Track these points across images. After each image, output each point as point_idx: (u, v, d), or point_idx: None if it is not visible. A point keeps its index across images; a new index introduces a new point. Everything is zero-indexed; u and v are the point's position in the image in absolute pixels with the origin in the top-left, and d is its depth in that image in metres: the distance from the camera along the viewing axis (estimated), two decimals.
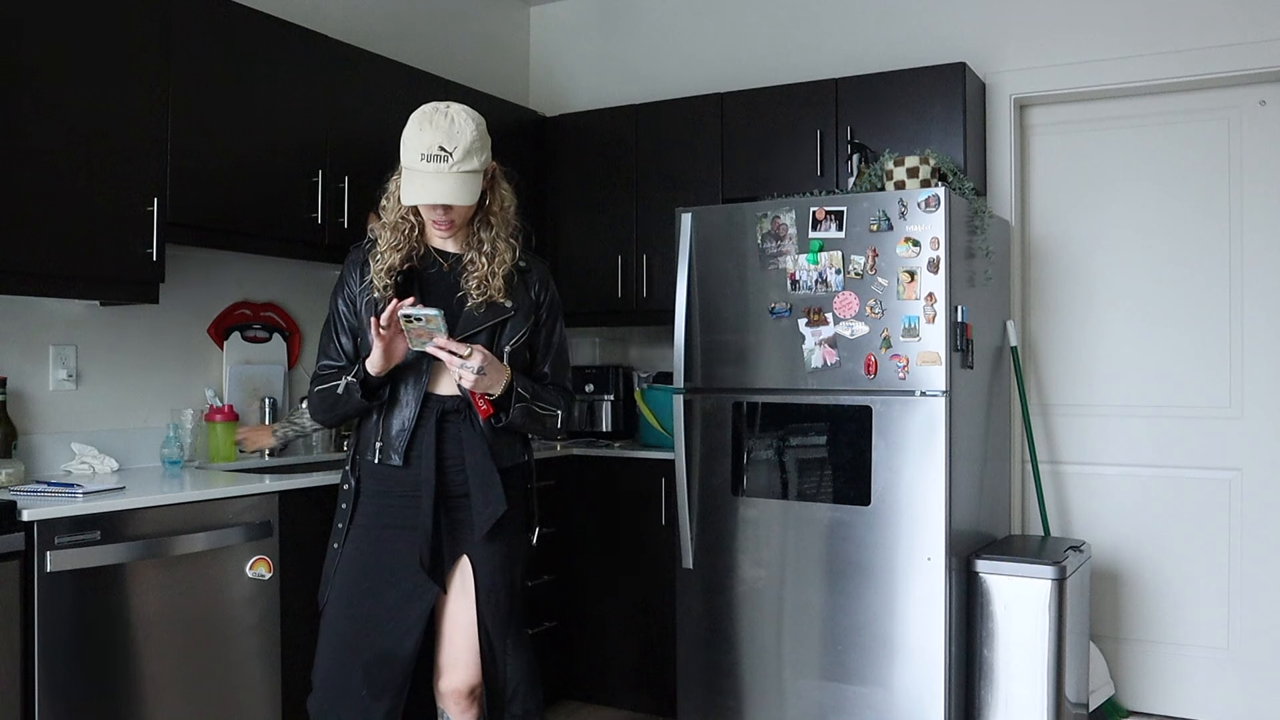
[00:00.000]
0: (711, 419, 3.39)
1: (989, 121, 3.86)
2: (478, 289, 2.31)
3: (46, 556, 2.27)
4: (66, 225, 2.63)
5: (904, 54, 3.92)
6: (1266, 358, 3.59)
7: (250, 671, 2.72)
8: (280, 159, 3.19)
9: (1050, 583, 3.07)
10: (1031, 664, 3.09)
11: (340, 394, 2.30)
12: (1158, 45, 3.63)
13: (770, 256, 3.27)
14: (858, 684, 3.12)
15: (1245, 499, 3.62)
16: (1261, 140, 3.60)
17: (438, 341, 2.18)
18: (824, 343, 3.19)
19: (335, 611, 2.33)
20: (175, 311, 3.23)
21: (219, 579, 2.64)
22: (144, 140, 2.80)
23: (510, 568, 2.40)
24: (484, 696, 2.37)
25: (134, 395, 3.16)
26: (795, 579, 3.23)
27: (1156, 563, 3.73)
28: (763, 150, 3.89)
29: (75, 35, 2.65)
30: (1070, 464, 3.86)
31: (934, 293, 3.03)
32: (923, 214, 3.05)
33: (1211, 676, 3.66)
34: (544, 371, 2.45)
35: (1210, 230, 3.67)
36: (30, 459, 2.83)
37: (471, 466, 2.31)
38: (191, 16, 2.93)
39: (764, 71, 4.21)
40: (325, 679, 2.32)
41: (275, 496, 2.77)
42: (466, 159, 2.20)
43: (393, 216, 2.33)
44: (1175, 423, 3.72)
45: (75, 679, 2.34)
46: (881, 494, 3.09)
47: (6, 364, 2.84)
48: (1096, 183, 3.84)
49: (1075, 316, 3.86)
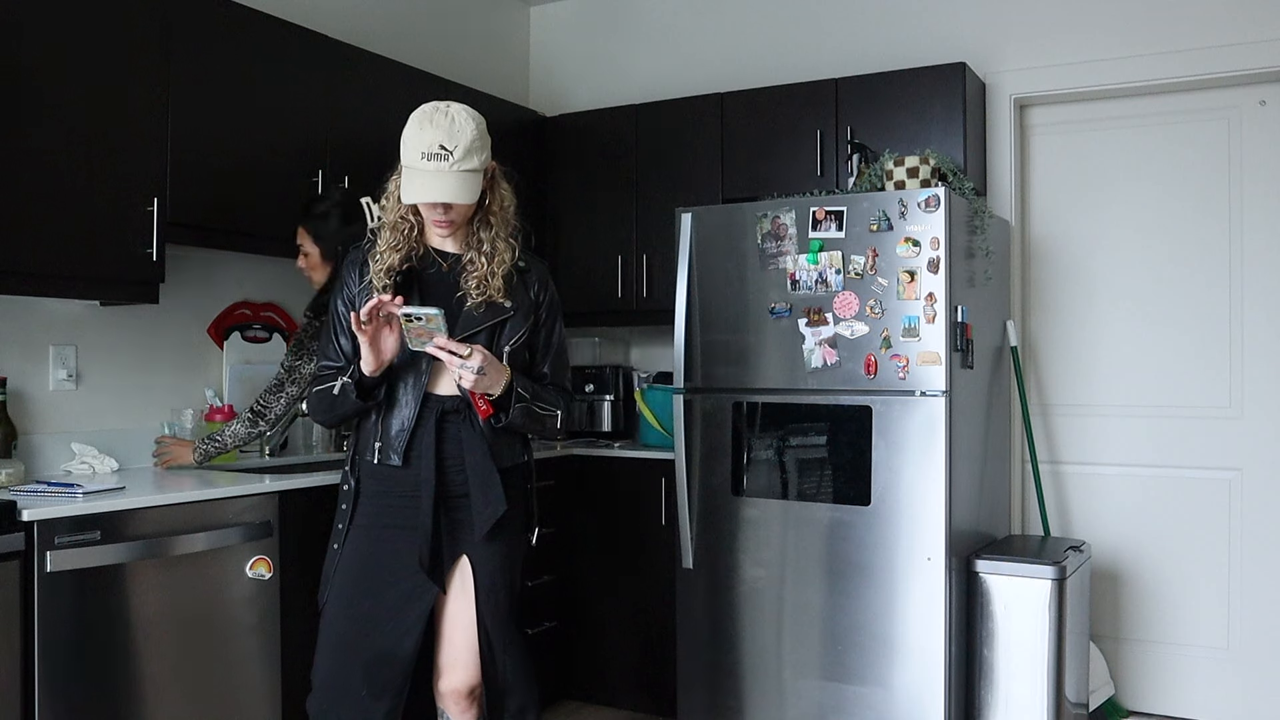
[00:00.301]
0: (711, 419, 3.39)
1: (989, 121, 3.86)
2: (477, 289, 2.30)
3: (46, 556, 2.27)
4: (66, 225, 2.63)
5: (904, 54, 3.92)
6: (1266, 358, 3.59)
7: (250, 671, 2.72)
8: (280, 159, 3.19)
9: (1050, 583, 3.07)
10: (1031, 664, 3.09)
11: (337, 395, 2.30)
12: (1158, 45, 3.63)
13: (770, 256, 3.27)
14: (858, 684, 3.12)
15: (1245, 499, 3.61)
16: (1261, 140, 3.60)
17: (438, 341, 2.17)
18: (824, 343, 3.19)
19: (335, 612, 2.33)
20: (175, 311, 3.23)
21: (219, 579, 2.64)
22: (144, 140, 2.80)
23: (510, 568, 2.40)
24: (483, 697, 2.37)
25: (134, 395, 3.16)
26: (795, 579, 3.23)
27: (1156, 563, 3.73)
28: (763, 150, 3.89)
29: (75, 35, 2.64)
30: (1070, 464, 3.85)
31: (934, 293, 3.03)
32: (923, 214, 3.05)
33: (1211, 676, 3.66)
34: (543, 371, 2.45)
35: (1210, 230, 3.67)
36: (30, 459, 2.83)
37: (471, 466, 2.31)
38: (191, 16, 2.93)
39: (764, 71, 4.21)
40: (325, 679, 2.32)
41: (275, 496, 2.77)
42: (467, 158, 2.20)
43: (392, 216, 2.32)
44: (1175, 423, 3.72)
45: (75, 679, 2.34)
46: (881, 494, 3.09)
47: (6, 364, 2.84)
48: (1096, 183, 3.84)
49: (1075, 316, 3.86)
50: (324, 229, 3.05)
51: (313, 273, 3.13)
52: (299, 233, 3.11)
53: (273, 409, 3.02)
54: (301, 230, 3.10)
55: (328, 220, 3.05)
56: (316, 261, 3.08)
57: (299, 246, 3.12)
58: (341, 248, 2.96)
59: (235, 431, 3.01)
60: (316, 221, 3.07)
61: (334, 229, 3.03)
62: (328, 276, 3.06)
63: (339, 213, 3.05)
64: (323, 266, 3.08)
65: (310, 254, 3.09)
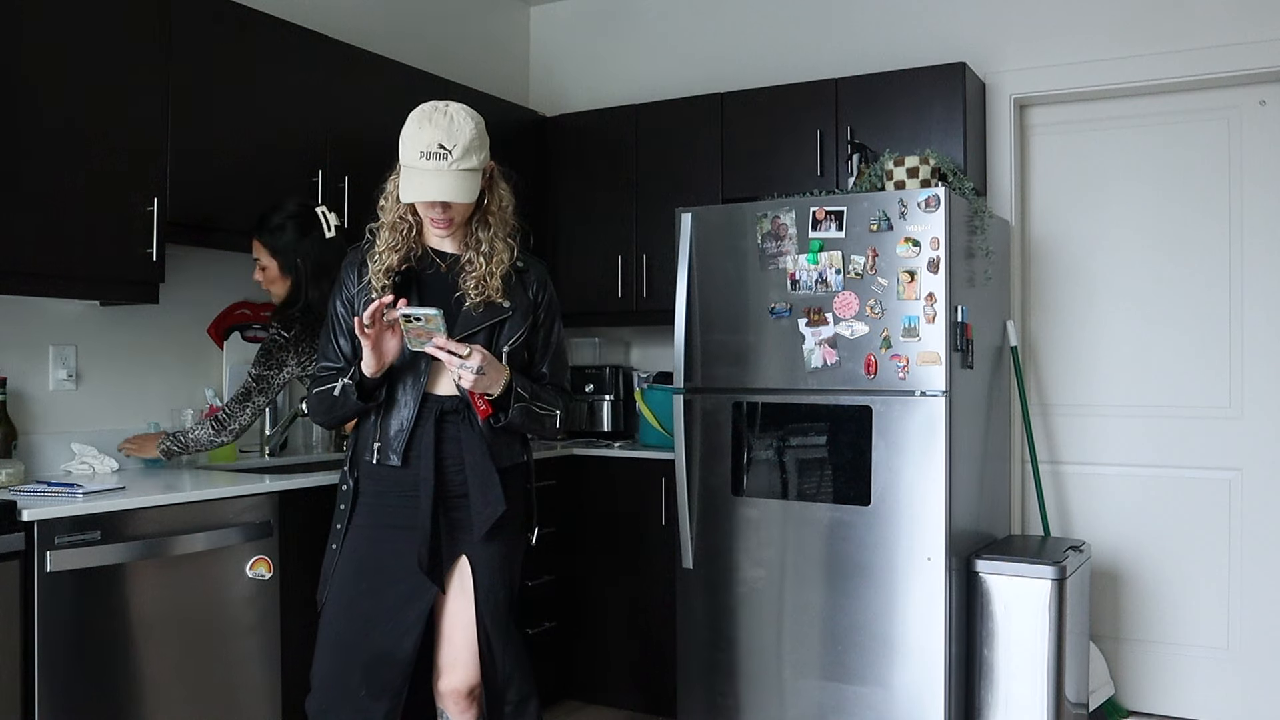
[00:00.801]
0: (711, 419, 3.39)
1: (989, 121, 3.86)
2: (475, 289, 2.30)
3: (46, 556, 2.27)
4: (66, 225, 2.63)
5: (904, 54, 3.92)
6: (1266, 358, 3.59)
7: (250, 671, 2.72)
8: (280, 159, 3.19)
9: (1050, 583, 3.07)
10: (1031, 664, 3.09)
11: (337, 396, 2.30)
12: (1158, 45, 3.63)
13: (770, 256, 3.27)
14: (858, 684, 3.12)
15: (1245, 499, 3.61)
16: (1261, 140, 3.60)
17: (437, 341, 2.17)
18: (824, 343, 3.19)
19: (334, 612, 2.33)
20: (175, 311, 3.23)
21: (219, 579, 2.64)
22: (144, 140, 2.80)
23: (509, 568, 2.40)
24: (483, 696, 2.37)
25: (134, 395, 3.16)
26: (795, 579, 3.23)
27: (1156, 563, 3.73)
28: (763, 150, 3.89)
29: (75, 35, 2.65)
30: (1070, 464, 3.85)
31: (934, 293, 3.03)
32: (923, 214, 3.05)
33: (1211, 676, 3.66)
34: (542, 371, 2.45)
35: (1210, 230, 3.67)
36: (30, 459, 2.83)
37: (470, 467, 2.31)
38: (192, 16, 2.93)
39: (764, 71, 4.21)
40: (324, 679, 2.32)
41: (275, 496, 2.77)
42: (465, 157, 2.20)
43: (391, 216, 2.32)
44: (1175, 423, 3.72)
45: (75, 679, 2.34)
46: (881, 494, 3.09)
47: (6, 364, 2.84)
48: (1096, 183, 3.84)
49: (1075, 316, 3.86)
50: (280, 241, 2.99)
51: (271, 286, 3.07)
52: (255, 247, 3.04)
53: (237, 419, 2.94)
54: (257, 244, 3.03)
55: (283, 232, 2.99)
56: (275, 275, 3.03)
57: (255, 260, 3.06)
58: (301, 260, 2.98)
59: (198, 437, 2.95)
60: (272, 235, 3.00)
61: (290, 241, 2.98)
62: (288, 289, 3.01)
63: (295, 224, 2.99)
64: (282, 280, 3.02)
65: (268, 267, 3.03)
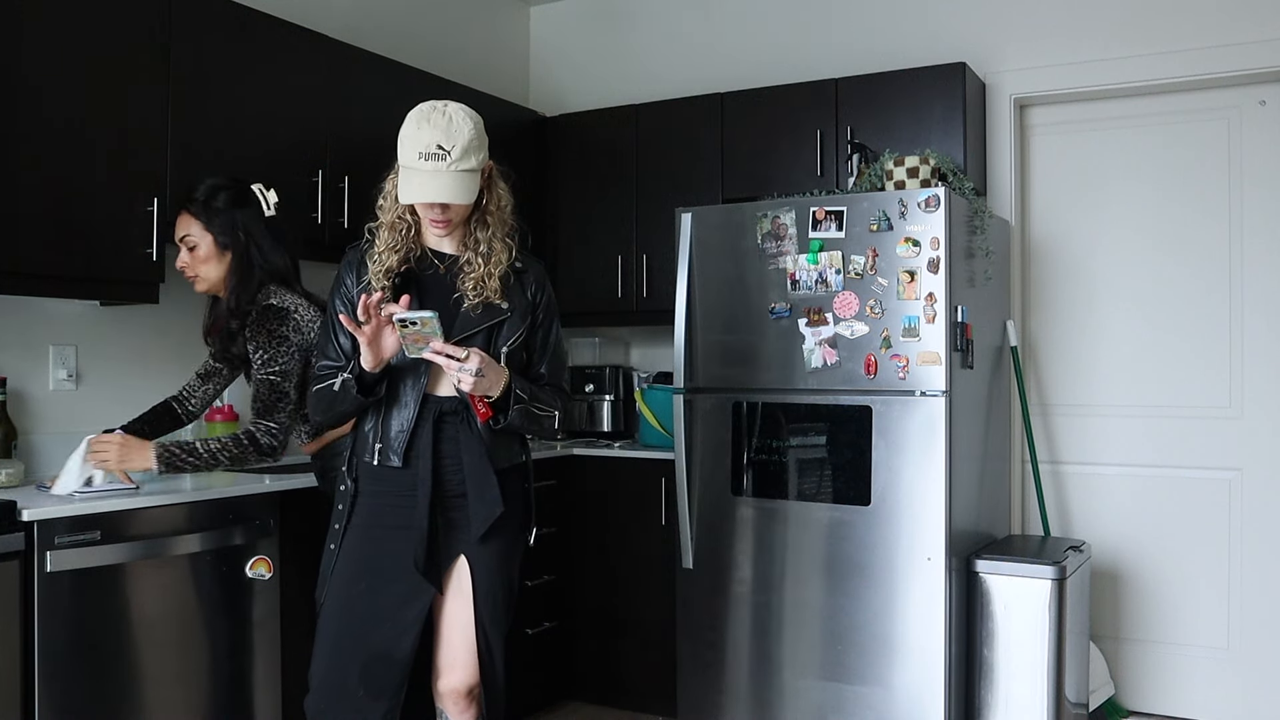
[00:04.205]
0: (711, 419, 3.39)
1: (989, 121, 3.86)
2: (474, 290, 2.30)
3: (46, 556, 2.28)
4: (66, 225, 2.63)
5: (904, 54, 3.92)
6: (1266, 358, 3.59)
7: (250, 671, 2.72)
8: (280, 159, 3.18)
9: (1050, 583, 3.07)
10: (1031, 664, 3.09)
11: (337, 392, 2.29)
12: (1158, 45, 3.63)
13: (770, 256, 3.27)
14: (858, 684, 3.12)
15: (1245, 499, 3.61)
16: (1261, 140, 3.60)
17: (434, 346, 2.16)
18: (824, 343, 3.19)
19: (332, 612, 2.33)
20: (175, 311, 3.22)
21: (219, 579, 2.64)
22: (144, 140, 2.80)
23: (507, 568, 2.39)
24: (482, 696, 2.37)
25: (134, 395, 3.16)
26: (795, 579, 3.23)
27: (1156, 563, 3.73)
28: (763, 150, 3.89)
29: (75, 35, 2.65)
30: (1070, 464, 3.85)
31: (934, 293, 3.03)
32: (923, 214, 3.05)
33: (1211, 676, 3.66)
34: (541, 372, 2.44)
35: (1210, 230, 3.67)
36: (30, 459, 2.84)
37: (468, 467, 2.30)
38: (191, 16, 2.93)
39: (764, 71, 4.21)
40: (323, 679, 2.32)
41: (275, 496, 2.77)
42: (464, 157, 2.19)
43: (390, 216, 2.32)
44: (1175, 423, 3.72)
45: (75, 679, 2.34)
46: (881, 494, 3.09)
47: (6, 364, 2.84)
48: (1096, 183, 3.84)
49: (1075, 316, 3.86)
50: (212, 211, 2.62)
51: (201, 268, 2.64)
52: (181, 221, 2.64)
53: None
54: (185, 217, 2.64)
55: (215, 199, 2.62)
56: (210, 252, 2.62)
57: (182, 240, 2.65)
58: (243, 234, 2.62)
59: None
60: (203, 205, 2.62)
61: (224, 208, 2.63)
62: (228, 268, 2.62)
63: (228, 195, 2.64)
64: (219, 258, 2.62)
65: (199, 244, 2.62)
